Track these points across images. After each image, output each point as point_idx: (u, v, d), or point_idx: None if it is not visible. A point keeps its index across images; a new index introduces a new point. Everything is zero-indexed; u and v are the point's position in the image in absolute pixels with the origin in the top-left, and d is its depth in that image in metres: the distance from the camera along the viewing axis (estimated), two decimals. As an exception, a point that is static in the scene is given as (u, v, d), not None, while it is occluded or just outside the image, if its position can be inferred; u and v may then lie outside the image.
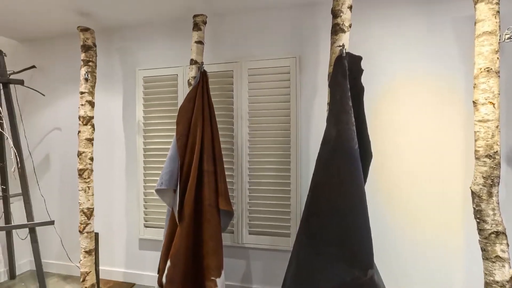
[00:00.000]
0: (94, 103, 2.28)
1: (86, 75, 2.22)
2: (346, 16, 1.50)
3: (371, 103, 2.01)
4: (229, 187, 2.24)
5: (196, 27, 1.99)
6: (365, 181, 1.48)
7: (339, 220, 1.35)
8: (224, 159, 2.17)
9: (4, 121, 2.08)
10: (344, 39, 1.49)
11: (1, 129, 2.01)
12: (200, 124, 1.88)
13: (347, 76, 1.43)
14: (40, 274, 2.16)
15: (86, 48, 2.24)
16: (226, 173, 2.21)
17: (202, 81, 1.94)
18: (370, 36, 2.05)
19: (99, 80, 2.58)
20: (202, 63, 1.98)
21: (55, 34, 2.67)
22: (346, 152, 1.37)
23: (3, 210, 2.50)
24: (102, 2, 2.06)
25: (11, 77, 2.33)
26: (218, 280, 1.79)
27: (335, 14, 1.52)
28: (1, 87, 2.25)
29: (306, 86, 2.16)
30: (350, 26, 1.51)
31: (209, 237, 1.83)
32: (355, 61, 1.52)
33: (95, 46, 2.30)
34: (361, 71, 1.54)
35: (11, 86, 2.31)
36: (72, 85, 2.68)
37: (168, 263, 1.77)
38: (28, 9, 2.14)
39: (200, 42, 1.99)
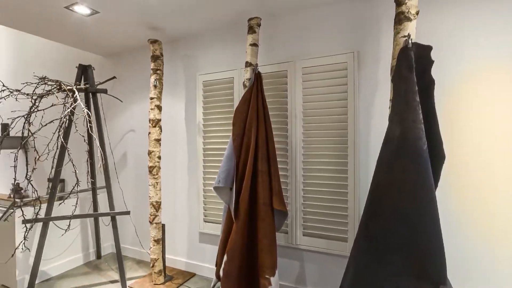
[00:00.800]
0: (161, 107, 2.53)
1: (155, 82, 2.48)
2: (412, 3, 1.36)
3: (444, 98, 1.78)
4: (283, 187, 2.24)
5: (251, 30, 2.05)
6: (436, 186, 1.32)
7: (404, 226, 1.23)
8: (278, 159, 2.18)
9: (92, 125, 2.46)
10: (410, 28, 1.36)
11: (90, 131, 2.39)
12: (255, 125, 1.93)
13: (413, 68, 1.29)
14: (119, 257, 2.50)
15: (155, 58, 2.50)
16: (280, 173, 2.22)
17: (256, 82, 1.99)
18: (441, 23, 1.81)
19: (166, 86, 2.86)
20: (257, 64, 2.03)
21: (131, 48, 3.04)
22: (413, 152, 1.24)
23: (92, 200, 2.96)
24: (168, 16, 2.27)
25: (98, 87, 2.75)
26: (272, 279, 1.81)
27: (399, 2, 1.39)
28: (91, 96, 2.67)
29: (365, 82, 2.02)
30: (417, 13, 1.37)
31: (263, 236, 1.86)
32: (423, 51, 1.36)
33: (162, 55, 2.56)
34: (431, 62, 1.38)
35: (98, 94, 2.72)
36: (144, 92, 3.03)
37: (225, 257, 1.86)
38: (112, 29, 2.49)
39: (254, 45, 2.04)
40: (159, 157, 2.50)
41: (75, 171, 2.34)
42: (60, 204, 2.67)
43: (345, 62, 2.04)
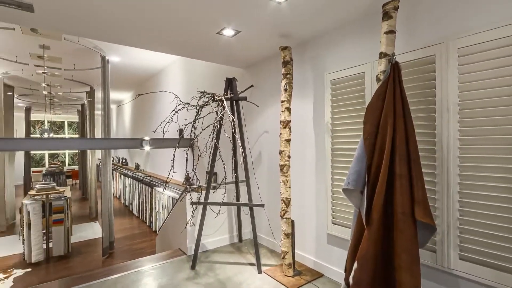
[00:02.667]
0: (291, 109, 2.67)
1: (285, 86, 2.65)
2: None
3: None
4: (429, 196, 1.87)
5: (386, 16, 1.83)
6: None
7: None
8: (422, 162, 1.84)
9: (236, 128, 2.93)
10: None
11: (234, 133, 2.84)
12: (391, 122, 1.70)
13: None
14: (255, 243, 2.84)
15: (285, 63, 2.67)
16: (426, 178, 1.87)
17: (393, 74, 1.75)
18: None
19: (295, 89, 3.00)
20: (393, 54, 1.79)
21: (264, 57, 3.39)
22: None
23: (235, 191, 3.51)
24: (298, 22, 2.38)
25: (240, 95, 3.22)
26: (413, 301, 1.55)
27: None
28: (234, 104, 3.17)
29: None
30: None
31: (402, 250, 1.62)
32: None
33: (292, 60, 2.70)
34: None
35: (240, 101, 3.19)
36: (276, 96, 3.29)
37: (355, 265, 1.75)
38: (250, 44, 2.87)
39: (391, 32, 1.81)
40: (289, 156, 2.65)
41: (224, 166, 2.84)
42: (213, 192, 3.33)
43: (532, 30, 1.47)
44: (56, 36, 4.36)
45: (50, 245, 5.04)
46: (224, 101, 2.89)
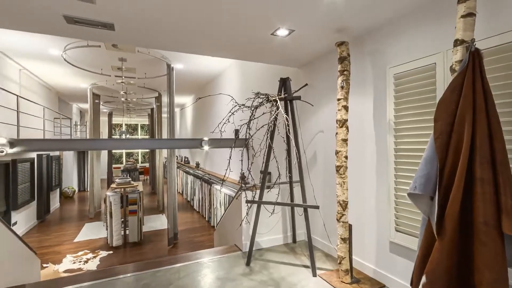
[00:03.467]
0: (348, 107, 2.54)
1: (342, 84, 2.53)
2: None
3: None
4: (522, 206, 1.57)
5: (463, -3, 1.59)
6: None
7: None
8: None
9: (290, 127, 2.92)
10: None
11: (288, 133, 2.83)
12: (470, 119, 1.48)
13: None
14: (310, 246, 2.78)
15: (342, 59, 2.55)
16: (516, 185, 1.57)
17: (472, 64, 1.52)
18: None
19: (352, 86, 2.84)
20: (473, 40, 1.55)
21: (319, 55, 3.29)
22: None
23: (289, 191, 3.49)
24: (354, 14, 2.25)
25: (294, 95, 3.20)
26: (500, 329, 1.32)
27: None
28: (289, 103, 3.16)
29: None
30: None
31: (485, 266, 1.39)
32: None
33: (349, 55, 2.56)
34: None
35: (294, 101, 3.17)
36: (331, 94, 3.17)
37: (423, 279, 1.57)
38: (304, 42, 2.82)
39: (469, 15, 1.57)
40: (346, 157, 2.52)
41: (278, 166, 2.86)
42: (267, 192, 3.37)
43: None
44: (131, 49, 4.98)
45: (127, 232, 5.77)
46: (278, 101, 2.90)
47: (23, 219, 6.43)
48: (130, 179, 6.39)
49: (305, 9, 2.17)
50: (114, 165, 15.66)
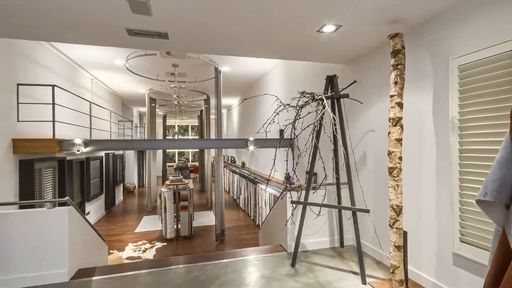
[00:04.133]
0: (402, 104, 2.35)
1: (395, 79, 2.35)
2: None
3: None
4: None
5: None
6: None
7: None
8: None
9: (337, 127, 2.81)
10: None
11: (335, 133, 2.73)
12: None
13: None
14: (359, 251, 2.64)
15: (395, 53, 2.37)
16: None
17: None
18: None
19: (407, 81, 2.62)
20: None
21: (368, 50, 3.10)
22: None
23: (336, 193, 3.36)
24: (408, 2, 2.06)
25: (341, 93, 3.07)
26: None
27: None
28: (335, 102, 3.04)
29: None
30: None
31: None
32: None
33: (403, 48, 2.36)
34: None
35: (341, 99, 3.04)
36: (383, 91, 2.96)
37: (496, 298, 1.37)
38: (352, 36, 2.69)
39: (558, -9, 1.32)
40: (400, 158, 2.33)
41: (324, 166, 2.77)
42: (313, 193, 3.29)
43: None
44: (183, 55, 5.32)
45: (179, 226, 6.19)
46: (324, 100, 2.81)
47: (94, 210, 7.34)
48: (182, 176, 6.84)
49: (354, 2, 2.07)
50: (167, 164, 16.94)
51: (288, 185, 3.32)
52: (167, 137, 15.68)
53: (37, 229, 2.61)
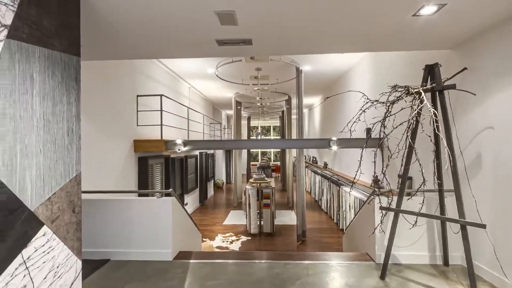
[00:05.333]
0: (538, 92, 1.82)
1: (526, 61, 1.84)
2: None
3: None
4: None
5: None
6: None
7: None
8: None
9: (439, 124, 2.39)
10: None
11: (437, 131, 2.33)
12: None
13: None
14: (471, 275, 2.17)
15: (526, 28, 1.86)
16: None
17: None
18: None
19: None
20: None
21: (483, 29, 2.52)
22: None
23: (438, 202, 2.86)
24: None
25: (445, 83, 2.60)
26: None
27: None
28: (437, 95, 2.59)
29: None
30: None
31: None
32: None
33: (540, 20, 1.83)
34: None
35: (445, 91, 2.57)
36: (505, 78, 2.36)
37: None
38: (460, 15, 2.24)
39: None
40: (535, 162, 1.81)
41: (422, 170, 2.41)
42: (408, 199, 2.89)
43: None
44: (266, 59, 5.53)
45: (262, 222, 6.46)
46: (423, 93, 2.44)
47: (191, 201, 8.42)
48: (264, 175, 7.13)
49: (463, -26, 1.72)
50: (251, 163, 17.92)
51: (376, 189, 3.02)
52: (251, 138, 16.58)
53: (149, 214, 3.17)
